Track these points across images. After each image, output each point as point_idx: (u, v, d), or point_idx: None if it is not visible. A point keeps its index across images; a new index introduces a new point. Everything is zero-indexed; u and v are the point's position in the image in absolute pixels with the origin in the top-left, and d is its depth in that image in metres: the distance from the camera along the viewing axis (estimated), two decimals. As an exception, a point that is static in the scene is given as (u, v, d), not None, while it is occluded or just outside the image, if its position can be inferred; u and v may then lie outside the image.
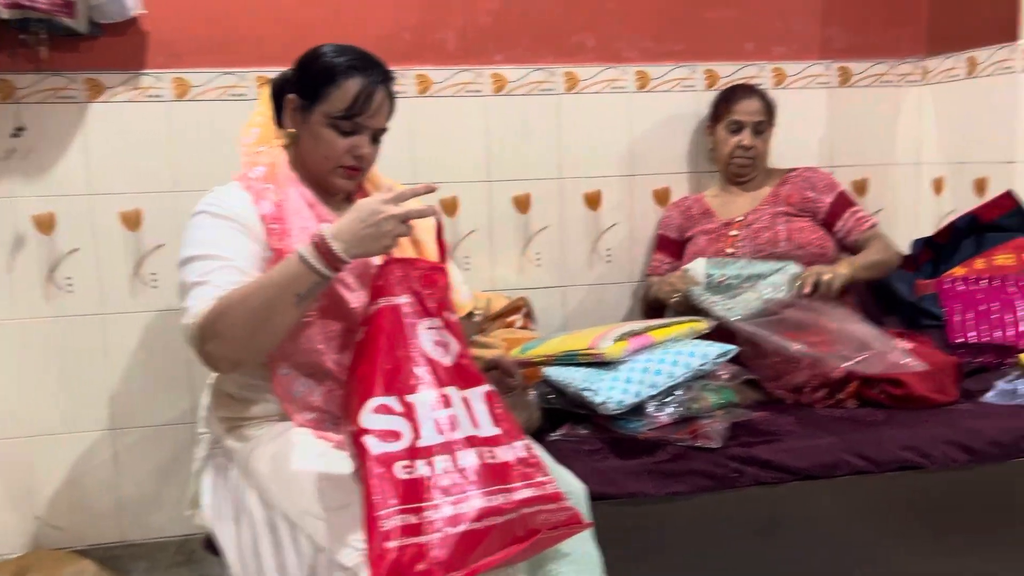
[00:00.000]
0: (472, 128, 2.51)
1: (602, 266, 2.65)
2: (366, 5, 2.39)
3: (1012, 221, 2.36)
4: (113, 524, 2.42)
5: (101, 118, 2.30)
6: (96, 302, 2.35)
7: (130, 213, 2.35)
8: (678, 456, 1.77)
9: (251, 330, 1.38)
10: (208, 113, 2.32)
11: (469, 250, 2.56)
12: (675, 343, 1.87)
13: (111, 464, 2.41)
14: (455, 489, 1.27)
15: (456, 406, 1.35)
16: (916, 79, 2.76)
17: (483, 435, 1.34)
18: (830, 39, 2.69)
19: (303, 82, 1.59)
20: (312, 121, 1.57)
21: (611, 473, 1.72)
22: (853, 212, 2.35)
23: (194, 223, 1.53)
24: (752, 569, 1.80)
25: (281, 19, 2.33)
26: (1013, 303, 2.20)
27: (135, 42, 2.28)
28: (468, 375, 1.40)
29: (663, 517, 1.74)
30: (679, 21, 2.59)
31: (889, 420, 1.93)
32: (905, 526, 1.86)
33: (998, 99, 2.45)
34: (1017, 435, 1.87)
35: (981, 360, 2.16)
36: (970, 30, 2.54)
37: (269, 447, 1.52)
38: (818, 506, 1.81)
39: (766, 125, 2.42)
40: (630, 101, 2.59)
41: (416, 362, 1.35)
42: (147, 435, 2.40)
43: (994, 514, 1.90)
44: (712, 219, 2.44)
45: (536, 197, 2.58)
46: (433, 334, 1.40)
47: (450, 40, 2.46)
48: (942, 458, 1.83)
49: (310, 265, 1.33)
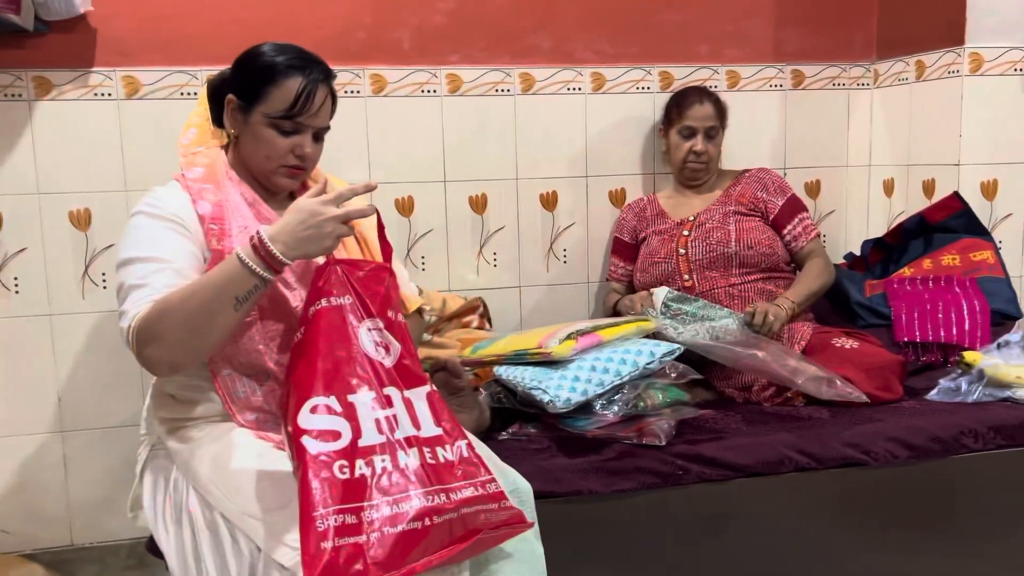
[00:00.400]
0: (428, 128, 2.51)
1: (558, 266, 2.67)
2: (320, 4, 2.38)
3: (958, 222, 2.39)
4: (63, 527, 2.40)
5: (49, 116, 2.28)
6: (44, 303, 2.33)
7: (80, 212, 2.33)
8: (624, 454, 1.77)
9: (190, 333, 1.36)
10: (159, 112, 2.30)
11: (425, 250, 2.56)
12: (623, 342, 1.88)
13: (60, 467, 2.38)
14: (395, 489, 1.26)
15: (397, 406, 1.34)
16: (867, 82, 2.80)
17: (425, 435, 1.34)
18: (783, 42, 2.72)
19: (242, 82, 1.57)
20: (252, 121, 1.56)
21: (557, 471, 1.72)
22: (801, 219, 2.38)
23: (132, 224, 1.51)
24: (697, 566, 1.81)
25: (234, 17, 2.32)
26: (958, 303, 2.22)
27: (83, 39, 2.26)
28: (410, 375, 1.40)
29: (609, 515, 1.73)
30: (634, 23, 2.60)
31: (834, 418, 1.95)
32: (848, 522, 1.87)
33: (945, 102, 2.49)
34: (957, 432, 1.89)
35: (926, 359, 2.18)
36: (919, 34, 2.57)
37: (210, 448, 1.51)
38: (763, 503, 1.82)
39: (718, 130, 2.43)
40: (586, 102, 2.61)
41: (357, 362, 1.35)
42: (97, 437, 2.38)
43: (934, 509, 1.92)
44: (665, 220, 2.45)
45: (492, 198, 2.59)
46: (375, 335, 1.40)
47: (405, 40, 2.46)
48: (884, 455, 1.85)
49: (249, 267, 1.33)
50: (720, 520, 1.80)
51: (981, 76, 2.41)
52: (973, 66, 2.41)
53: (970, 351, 2.08)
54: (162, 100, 2.31)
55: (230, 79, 1.60)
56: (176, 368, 1.47)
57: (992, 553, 1.95)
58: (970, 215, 2.39)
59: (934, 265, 2.34)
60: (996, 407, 1.97)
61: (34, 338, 2.33)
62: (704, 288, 2.29)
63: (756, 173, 2.46)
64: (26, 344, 2.33)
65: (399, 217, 2.52)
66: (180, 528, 1.51)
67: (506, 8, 2.51)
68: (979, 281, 2.26)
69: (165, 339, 1.36)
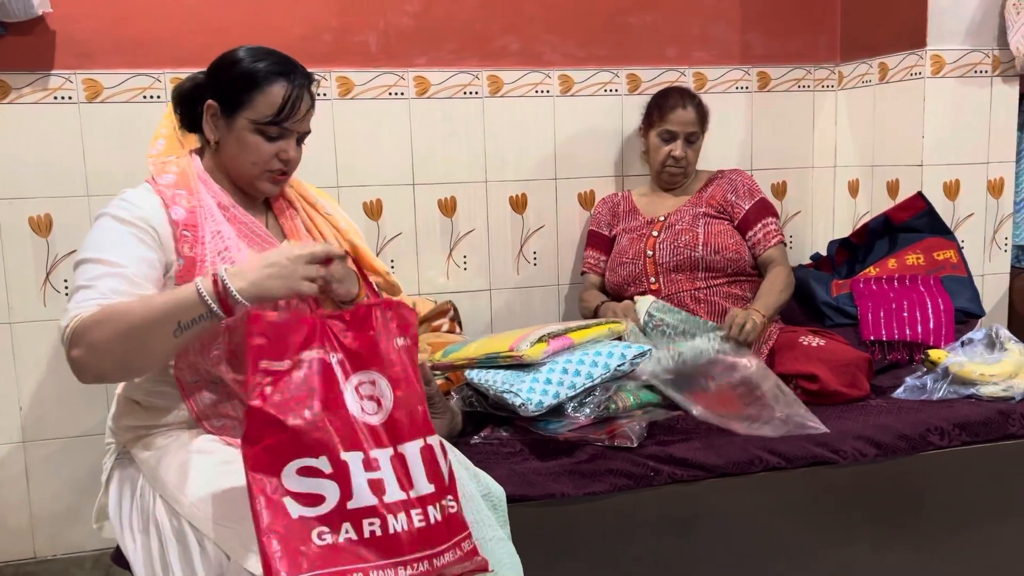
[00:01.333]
0: (396, 131, 2.50)
1: (528, 269, 2.67)
2: (285, 6, 2.36)
3: (922, 222, 2.41)
4: (26, 540, 2.36)
5: (8, 119, 2.24)
6: (3, 310, 2.29)
7: (40, 218, 2.29)
8: (596, 456, 1.77)
9: (122, 345, 1.34)
10: (122, 115, 2.27)
11: (394, 254, 2.55)
12: (594, 344, 1.89)
13: (23, 478, 2.34)
14: (381, 553, 1.24)
15: (383, 468, 1.29)
16: (832, 84, 2.83)
17: (415, 495, 1.30)
18: (749, 45, 2.74)
19: (223, 88, 1.55)
20: (236, 127, 1.54)
21: (530, 475, 1.72)
22: (764, 224, 2.37)
23: (96, 225, 1.49)
24: (670, 567, 1.81)
25: (197, 19, 2.30)
26: (923, 302, 2.25)
27: (42, 41, 2.23)
28: (401, 429, 1.33)
29: (582, 517, 1.73)
30: (602, 26, 2.61)
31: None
32: (818, 520, 1.89)
33: (908, 103, 2.52)
34: (923, 429, 1.92)
35: (892, 357, 2.20)
36: (881, 37, 2.60)
37: (177, 455, 1.49)
38: (734, 503, 1.82)
39: (698, 136, 2.42)
40: (554, 105, 2.61)
41: (349, 422, 1.29)
42: (60, 447, 2.34)
43: (902, 506, 1.93)
44: (637, 217, 2.46)
45: (461, 200, 2.58)
46: (366, 388, 1.33)
47: (372, 42, 2.44)
48: (852, 453, 1.86)
49: (202, 298, 1.31)
50: (692, 520, 1.81)
51: (942, 78, 2.45)
52: (935, 68, 2.44)
53: (935, 349, 2.11)
54: (124, 103, 2.27)
55: (208, 85, 1.58)
56: (101, 378, 1.43)
57: (958, 547, 1.97)
58: (933, 215, 2.41)
59: (899, 264, 2.37)
60: (961, 404, 2.00)
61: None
62: (670, 291, 2.30)
63: (729, 174, 2.47)
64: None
65: (367, 220, 2.51)
66: (147, 537, 1.49)
67: (474, 10, 2.50)
68: (943, 280, 2.29)
69: (96, 346, 1.33)
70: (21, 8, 2.11)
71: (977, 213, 2.52)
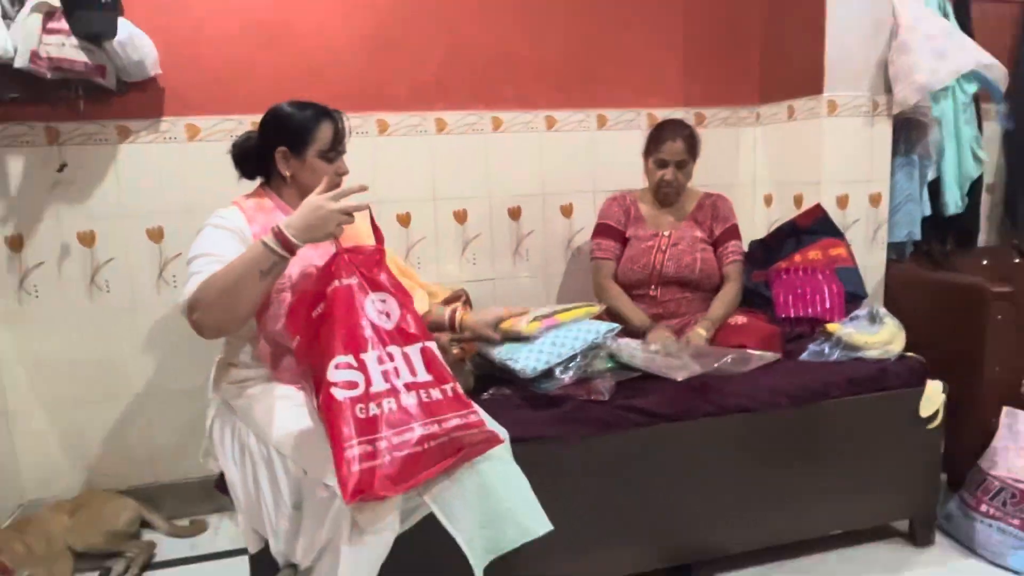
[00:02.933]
0: (420, 159, 2.48)
1: (522, 263, 2.65)
2: (335, 64, 2.34)
3: (820, 226, 2.40)
4: (148, 469, 2.38)
5: (129, 156, 2.23)
6: (128, 298, 2.29)
7: (154, 230, 2.28)
8: (577, 408, 1.78)
9: (227, 300, 1.36)
10: (213, 151, 2.24)
11: (420, 253, 2.54)
12: (576, 323, 1.88)
13: (146, 423, 2.35)
14: (399, 422, 1.29)
15: (397, 360, 1.36)
16: (752, 121, 2.81)
17: (419, 380, 1.36)
18: (689, 91, 2.72)
19: (289, 136, 1.57)
20: (307, 160, 1.57)
21: (527, 422, 1.72)
22: (727, 246, 2.30)
23: (199, 234, 1.53)
24: (632, 489, 1.83)
25: (267, 77, 2.28)
26: (821, 288, 2.24)
27: (153, 96, 2.22)
28: (407, 335, 1.41)
29: (565, 452, 1.75)
30: (578, 78, 2.59)
31: (732, 376, 1.92)
32: (743, 454, 1.90)
33: (809, 136, 2.51)
34: (822, 383, 1.93)
35: (798, 329, 2.19)
36: (790, 85, 2.59)
37: (264, 401, 1.53)
38: (679, 442, 1.83)
39: (687, 162, 2.27)
40: (541, 138, 2.59)
41: (364, 328, 1.36)
42: (173, 399, 2.35)
43: (807, 442, 1.95)
44: (644, 227, 2.33)
45: (471, 212, 2.57)
46: (378, 304, 1.40)
47: (402, 93, 2.43)
48: (769, 402, 1.87)
49: (270, 248, 1.34)
50: (648, 455, 1.83)
51: (836, 117, 2.44)
52: (829, 109, 2.43)
53: (831, 323, 2.11)
54: (215, 142, 2.25)
55: (271, 138, 1.58)
56: (217, 330, 1.43)
57: (848, 468, 1.99)
58: (828, 221, 2.41)
59: (803, 259, 2.35)
60: (850, 364, 2.00)
61: (120, 326, 2.29)
62: (664, 298, 2.25)
63: (715, 200, 2.35)
64: (114, 331, 2.29)
65: (399, 228, 2.49)
66: (243, 465, 1.53)
67: (479, 69, 2.49)
68: (836, 270, 2.28)
69: (208, 305, 1.36)
70: (138, 71, 2.12)
71: (861, 219, 2.51)
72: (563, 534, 1.51)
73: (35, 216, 2.18)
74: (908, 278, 2.51)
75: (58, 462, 2.31)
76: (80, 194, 2.20)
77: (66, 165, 2.16)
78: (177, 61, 2.20)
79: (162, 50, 2.16)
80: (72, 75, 2.00)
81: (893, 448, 2.00)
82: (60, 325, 2.24)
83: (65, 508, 2.13)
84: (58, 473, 2.31)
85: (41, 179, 2.17)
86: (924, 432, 2.00)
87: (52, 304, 2.23)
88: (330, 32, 2.32)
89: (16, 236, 2.18)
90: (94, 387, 2.29)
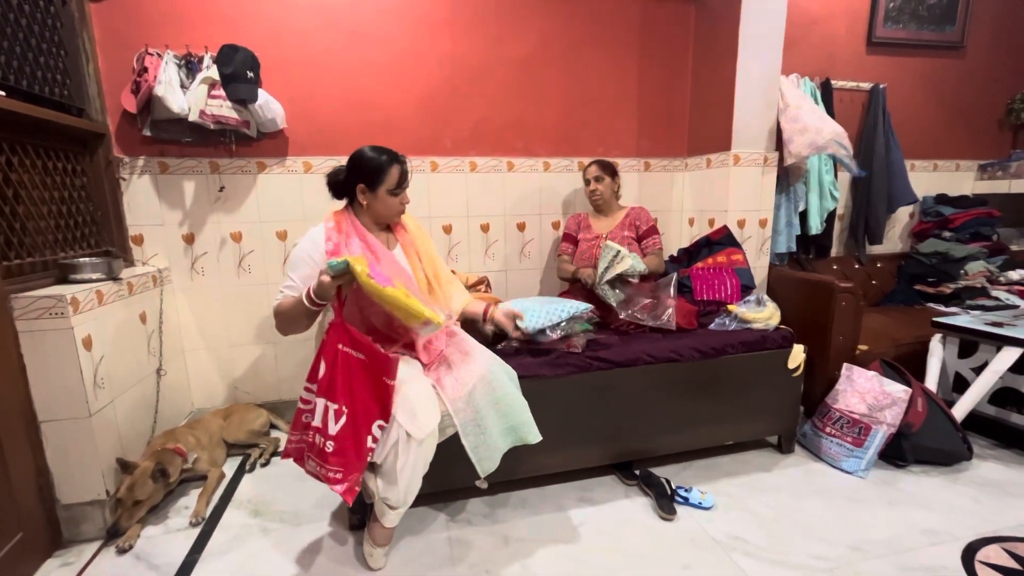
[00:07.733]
0: (459, 189, 2.48)
1: (526, 260, 2.65)
2: (403, 121, 2.33)
3: (726, 240, 2.39)
4: (275, 389, 2.40)
5: (267, 183, 2.23)
6: (264, 278, 2.30)
7: (281, 231, 2.28)
8: (561, 356, 1.79)
9: (288, 321, 1.41)
10: (320, 180, 2.26)
11: (457, 252, 2.53)
12: (562, 302, 1.88)
13: (273, 358, 2.37)
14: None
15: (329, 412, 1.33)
16: (682, 168, 2.79)
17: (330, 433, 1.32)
18: (640, 146, 2.69)
19: (367, 175, 1.50)
20: (379, 195, 1.51)
21: (527, 364, 1.74)
22: (650, 239, 2.30)
23: (297, 246, 1.50)
24: (598, 413, 1.83)
25: (357, 129, 2.28)
26: (725, 281, 2.23)
27: (282, 141, 2.22)
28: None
29: (552, 387, 1.76)
30: (565, 136, 2.57)
31: (664, 338, 1.95)
32: (671, 391, 1.91)
33: (721, 179, 2.49)
34: (725, 344, 1.93)
35: (710, 309, 2.18)
36: (708, 143, 2.56)
37: None
38: (629, 383, 1.85)
39: (603, 178, 2.26)
40: (540, 177, 2.58)
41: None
42: (291, 343, 2.37)
43: (713, 384, 1.96)
44: (590, 231, 2.35)
45: (492, 225, 2.56)
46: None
47: (447, 142, 2.42)
48: (689, 355, 1.88)
49: (307, 301, 1.36)
50: (608, 390, 1.83)
51: (740, 167, 2.42)
52: (735, 161, 2.42)
53: (731, 305, 2.11)
54: (322, 174, 2.26)
55: (354, 174, 1.52)
56: (286, 334, 1.46)
57: (738, 402, 1.99)
58: (731, 236, 2.40)
59: (713, 261, 2.35)
60: (743, 332, 2.00)
61: (260, 296, 2.30)
62: None
63: (638, 211, 2.35)
64: (254, 299, 2.30)
65: (444, 235, 2.50)
66: None
67: (499, 128, 2.48)
68: (736, 270, 2.28)
69: (278, 322, 1.41)
70: (271, 125, 2.13)
71: (753, 236, 2.51)
72: (547, 440, 1.54)
73: (202, 221, 2.20)
74: (783, 276, 2.51)
75: (216, 384, 2.34)
76: (232, 207, 2.22)
77: (224, 188, 2.19)
78: (298, 118, 2.21)
79: (288, 110, 2.17)
80: (227, 127, 2.02)
81: (769, 388, 2.02)
82: (218, 294, 2.26)
83: (220, 414, 2.17)
84: (216, 391, 2.34)
85: (206, 196, 2.18)
86: (790, 379, 2.01)
87: (213, 280, 2.25)
88: (399, 101, 2.32)
89: (189, 234, 2.20)
90: (241, 335, 2.32)
